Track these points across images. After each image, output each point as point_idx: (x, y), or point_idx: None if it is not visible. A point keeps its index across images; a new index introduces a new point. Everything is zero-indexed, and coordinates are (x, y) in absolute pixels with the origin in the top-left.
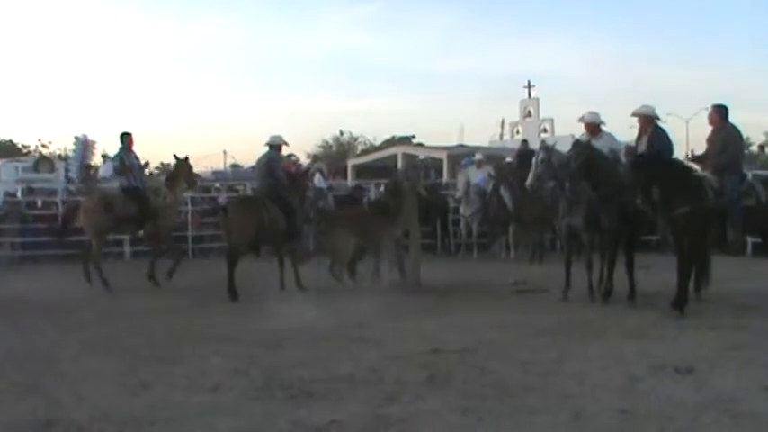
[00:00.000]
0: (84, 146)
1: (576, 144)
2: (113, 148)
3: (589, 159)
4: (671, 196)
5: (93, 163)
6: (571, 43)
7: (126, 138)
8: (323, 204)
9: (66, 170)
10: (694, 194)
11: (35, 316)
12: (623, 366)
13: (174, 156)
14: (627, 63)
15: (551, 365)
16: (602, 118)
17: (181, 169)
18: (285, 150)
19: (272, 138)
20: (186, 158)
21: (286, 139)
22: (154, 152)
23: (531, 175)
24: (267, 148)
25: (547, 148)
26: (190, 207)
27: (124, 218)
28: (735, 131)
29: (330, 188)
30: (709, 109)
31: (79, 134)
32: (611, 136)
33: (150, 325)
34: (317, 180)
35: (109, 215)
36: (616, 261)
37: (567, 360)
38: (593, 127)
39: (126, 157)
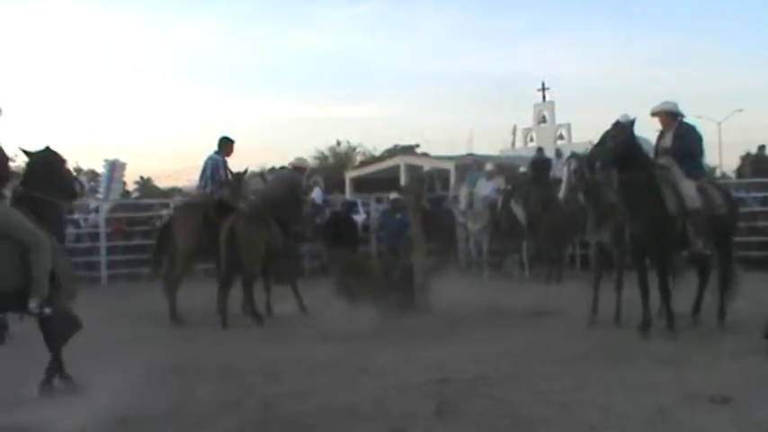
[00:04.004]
0: (113, 168)
1: (617, 124)
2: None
3: (627, 144)
4: None
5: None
6: (590, 41)
7: (226, 144)
8: (320, 221)
9: (96, 191)
10: None
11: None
12: (652, 395)
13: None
14: (653, 63)
15: (572, 394)
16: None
17: None
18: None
19: (299, 160)
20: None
21: (280, 148)
22: (133, 166)
23: (563, 187)
24: (287, 167)
25: (578, 157)
26: None
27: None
28: None
29: (326, 203)
30: None
31: (110, 157)
32: (645, 141)
33: (129, 355)
34: (317, 195)
35: (207, 231)
36: (647, 280)
37: (590, 388)
38: None
39: (223, 167)
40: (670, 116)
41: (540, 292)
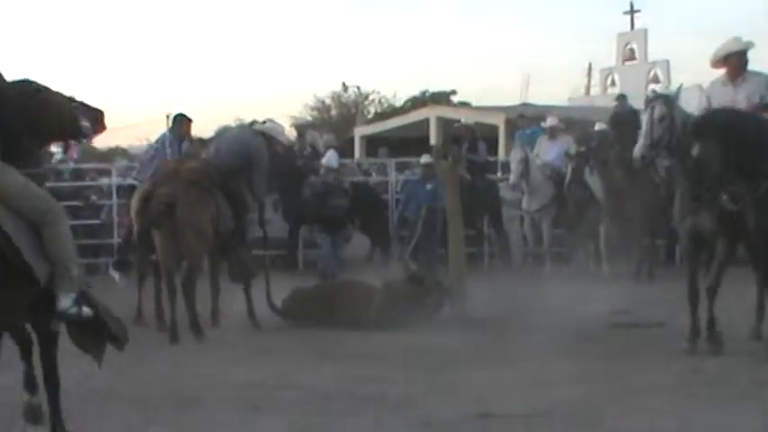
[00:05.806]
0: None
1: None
2: None
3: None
4: None
5: None
6: None
7: (185, 123)
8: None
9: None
10: None
11: None
12: None
13: None
14: None
15: None
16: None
17: None
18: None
19: (272, 126)
20: None
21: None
22: None
23: (641, 142)
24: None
25: (667, 99)
26: (116, 200)
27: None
28: None
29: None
30: None
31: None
32: (763, 77)
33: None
34: (331, 159)
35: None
36: None
37: (692, 431)
38: (737, 65)
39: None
40: None
41: (623, 295)
